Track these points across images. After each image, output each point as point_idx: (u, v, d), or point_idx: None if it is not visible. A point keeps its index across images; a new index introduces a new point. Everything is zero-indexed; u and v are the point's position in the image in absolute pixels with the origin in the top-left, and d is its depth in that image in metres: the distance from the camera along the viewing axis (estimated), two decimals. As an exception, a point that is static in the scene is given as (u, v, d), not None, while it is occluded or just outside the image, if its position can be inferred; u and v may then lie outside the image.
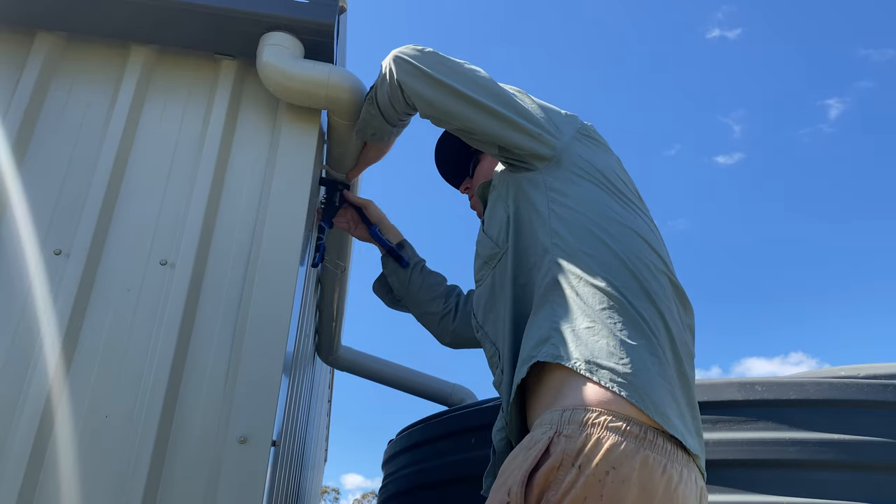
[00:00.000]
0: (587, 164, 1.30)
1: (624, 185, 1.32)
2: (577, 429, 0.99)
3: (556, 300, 1.15)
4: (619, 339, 1.07)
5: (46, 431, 1.32)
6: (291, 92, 1.58)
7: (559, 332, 1.10)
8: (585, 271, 1.15)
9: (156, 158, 1.59)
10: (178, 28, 1.62)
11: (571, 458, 0.97)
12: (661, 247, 1.28)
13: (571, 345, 1.08)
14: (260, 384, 1.39)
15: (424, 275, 1.84)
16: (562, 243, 1.20)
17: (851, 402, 1.77)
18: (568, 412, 1.02)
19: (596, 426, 0.99)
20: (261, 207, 1.56)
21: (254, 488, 1.31)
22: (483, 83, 1.37)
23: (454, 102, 1.36)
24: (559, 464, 0.97)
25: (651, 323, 1.11)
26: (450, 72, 1.37)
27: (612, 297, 1.12)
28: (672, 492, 0.98)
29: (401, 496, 2.51)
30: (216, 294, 1.48)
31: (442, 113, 1.38)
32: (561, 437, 0.99)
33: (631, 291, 1.13)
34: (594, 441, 0.97)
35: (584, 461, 0.96)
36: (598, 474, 0.95)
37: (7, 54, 1.63)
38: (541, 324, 1.15)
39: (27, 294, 1.42)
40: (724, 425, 1.82)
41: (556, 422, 1.02)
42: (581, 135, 1.36)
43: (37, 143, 1.56)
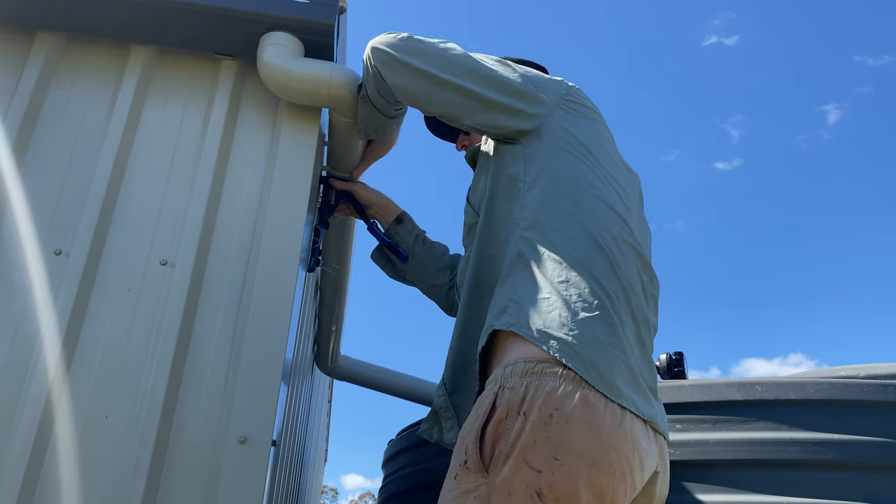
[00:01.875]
0: (567, 135, 1.31)
1: (604, 154, 1.33)
2: (519, 380, 1.05)
3: (518, 273, 1.19)
4: (573, 310, 1.10)
5: (46, 431, 1.32)
6: (293, 91, 1.58)
7: (516, 303, 1.14)
8: (549, 245, 1.19)
9: (156, 158, 1.59)
10: (178, 28, 1.62)
11: (516, 407, 1.03)
12: (632, 217, 1.31)
13: (525, 315, 1.12)
14: (260, 384, 1.39)
15: (427, 247, 1.83)
16: (531, 216, 1.24)
17: (851, 402, 1.77)
18: (510, 367, 1.08)
19: (535, 374, 1.04)
20: (261, 207, 1.56)
21: (254, 488, 1.31)
22: (457, 62, 1.35)
23: (428, 86, 1.36)
24: (505, 414, 1.03)
25: (611, 293, 1.14)
26: (421, 55, 1.37)
27: (572, 269, 1.15)
28: (618, 425, 1.02)
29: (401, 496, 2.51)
30: (216, 294, 1.48)
31: (418, 99, 1.39)
32: (504, 389, 1.05)
33: (593, 263, 1.16)
34: (535, 387, 1.03)
35: (527, 408, 1.02)
36: (543, 417, 1.00)
37: (7, 54, 1.63)
38: (502, 295, 1.19)
39: (27, 294, 1.42)
40: (724, 425, 1.82)
41: (499, 377, 1.08)
42: (566, 101, 1.35)
43: (37, 143, 1.56)
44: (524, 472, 0.98)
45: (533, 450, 0.99)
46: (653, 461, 1.10)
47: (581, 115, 1.36)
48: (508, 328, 1.12)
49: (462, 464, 1.05)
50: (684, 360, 2.25)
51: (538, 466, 0.98)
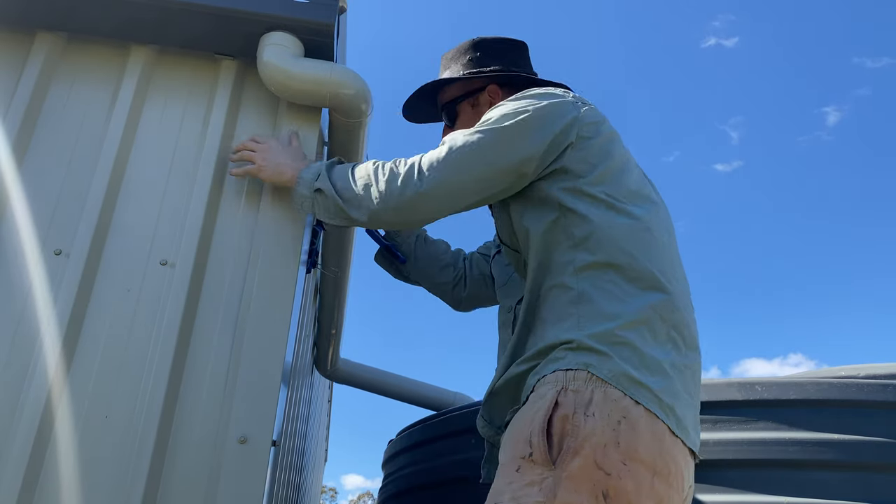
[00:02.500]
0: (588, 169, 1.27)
1: (631, 181, 1.30)
2: (583, 384, 1.07)
3: (580, 312, 1.17)
4: (646, 351, 1.11)
5: (46, 431, 1.32)
6: (293, 91, 1.58)
7: (583, 344, 1.12)
8: (611, 284, 1.18)
9: (156, 158, 1.59)
10: (178, 28, 1.62)
11: (583, 407, 1.04)
12: (671, 235, 1.31)
13: (597, 356, 1.10)
14: (260, 384, 1.39)
15: (429, 246, 1.83)
16: (585, 258, 1.21)
17: (851, 402, 1.77)
18: (571, 372, 1.09)
19: (600, 381, 1.07)
20: (261, 207, 1.56)
21: (254, 488, 1.31)
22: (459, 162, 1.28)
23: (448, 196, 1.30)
24: (572, 412, 1.04)
25: (676, 333, 1.17)
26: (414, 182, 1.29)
27: (641, 309, 1.15)
28: (674, 438, 1.07)
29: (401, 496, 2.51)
30: (216, 294, 1.48)
31: (445, 206, 1.32)
32: (568, 391, 1.07)
33: (654, 299, 1.17)
34: (602, 393, 1.05)
35: (596, 410, 1.04)
36: (612, 423, 1.03)
37: (7, 54, 1.63)
38: (562, 331, 1.16)
39: (27, 294, 1.42)
40: (724, 425, 1.82)
41: (560, 380, 1.09)
42: (576, 137, 1.30)
43: (37, 143, 1.56)
44: (593, 473, 1.00)
45: (603, 451, 1.01)
46: (691, 474, 1.15)
47: (592, 147, 1.30)
48: (585, 368, 1.09)
49: (526, 456, 1.05)
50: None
51: (608, 469, 1.00)
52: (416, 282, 1.86)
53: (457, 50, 1.64)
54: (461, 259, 1.82)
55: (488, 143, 1.28)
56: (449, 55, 1.65)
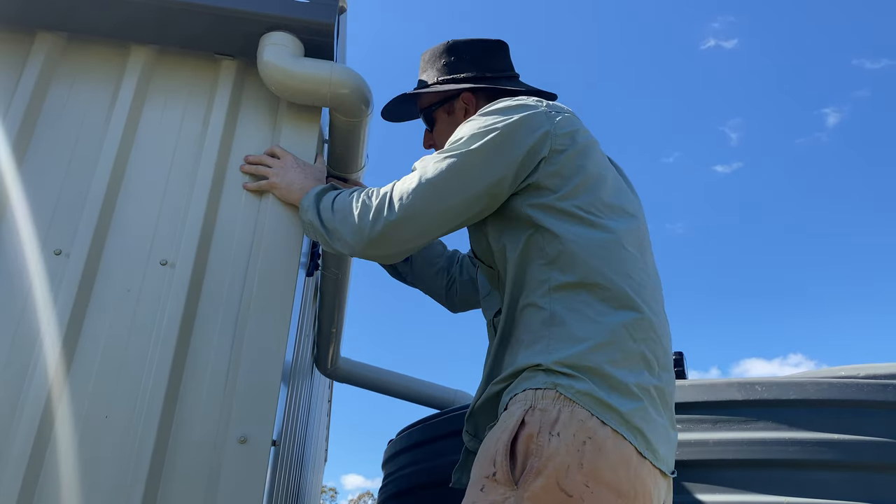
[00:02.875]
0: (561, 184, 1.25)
1: (606, 193, 1.27)
2: (551, 403, 1.07)
3: (552, 335, 1.16)
4: (619, 373, 1.11)
5: (46, 431, 1.32)
6: (294, 90, 1.58)
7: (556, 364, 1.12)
8: (584, 305, 1.17)
9: (156, 158, 1.59)
10: (178, 28, 1.62)
11: (548, 426, 1.04)
12: (644, 250, 1.29)
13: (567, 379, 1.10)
14: (260, 384, 1.39)
15: (425, 249, 1.81)
16: (558, 277, 1.20)
17: (851, 402, 1.77)
18: (540, 391, 1.09)
19: (568, 401, 1.06)
20: (261, 207, 1.56)
21: (254, 488, 1.31)
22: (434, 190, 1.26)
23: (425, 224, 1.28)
24: (537, 431, 1.04)
25: (649, 353, 1.16)
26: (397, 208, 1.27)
27: (613, 329, 1.14)
28: (642, 459, 1.06)
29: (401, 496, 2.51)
30: (216, 294, 1.48)
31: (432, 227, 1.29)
32: (536, 410, 1.06)
33: (626, 317, 1.15)
34: (569, 412, 1.05)
35: (561, 429, 1.03)
36: (577, 444, 1.02)
37: (7, 54, 1.63)
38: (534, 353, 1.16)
39: (27, 294, 1.42)
40: (724, 425, 1.82)
41: (530, 398, 1.09)
42: (552, 152, 1.27)
43: (37, 143, 1.56)
44: (555, 494, 1.00)
45: (566, 473, 1.00)
46: (664, 492, 1.14)
47: (568, 160, 1.27)
48: (554, 387, 1.09)
49: (490, 475, 1.05)
50: (684, 360, 2.25)
51: (570, 491, 1.00)
52: (413, 283, 1.87)
53: (432, 53, 1.61)
54: (454, 263, 1.82)
55: (458, 170, 1.25)
56: (426, 56, 1.63)
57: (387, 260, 1.35)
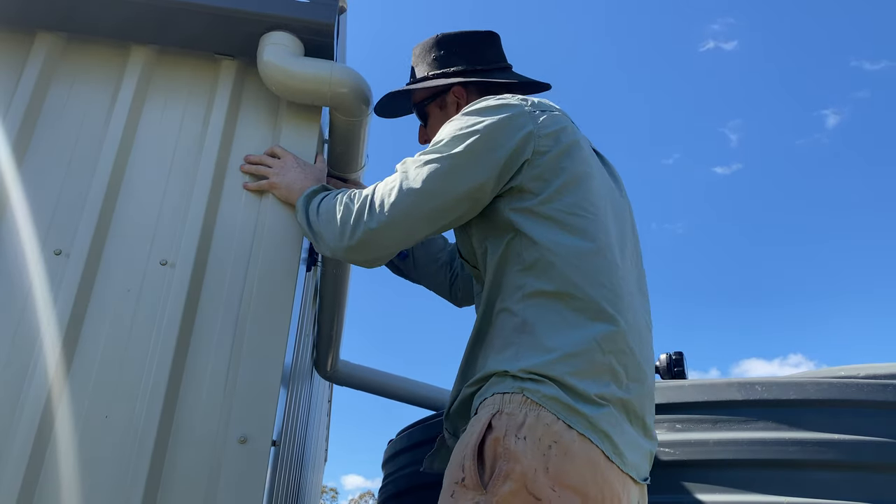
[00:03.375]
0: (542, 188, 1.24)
1: (590, 193, 1.25)
2: (518, 407, 1.07)
3: (523, 342, 1.15)
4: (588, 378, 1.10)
5: (46, 431, 1.32)
6: (294, 90, 1.58)
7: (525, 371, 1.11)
8: (553, 311, 1.16)
9: (156, 158, 1.59)
10: (178, 28, 1.62)
11: (514, 429, 1.04)
12: (624, 256, 1.28)
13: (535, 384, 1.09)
14: (260, 384, 1.39)
15: (425, 245, 1.81)
16: (529, 283, 1.19)
17: (851, 402, 1.77)
18: (508, 395, 1.09)
19: (535, 405, 1.06)
20: (261, 207, 1.56)
21: (254, 488, 1.31)
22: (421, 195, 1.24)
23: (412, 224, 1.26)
24: (503, 434, 1.04)
25: (618, 361, 1.15)
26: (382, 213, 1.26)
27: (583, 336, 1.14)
28: (609, 463, 1.06)
29: (401, 496, 2.51)
30: (216, 294, 1.48)
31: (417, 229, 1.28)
32: (503, 414, 1.07)
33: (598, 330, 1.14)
34: (535, 416, 1.05)
35: (527, 433, 1.03)
36: (542, 447, 1.02)
37: (7, 54, 1.63)
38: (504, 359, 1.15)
39: (27, 294, 1.42)
40: (724, 425, 1.82)
41: (497, 402, 1.09)
42: (535, 153, 1.25)
43: (37, 143, 1.56)
44: (524, 498, 1.00)
45: (533, 476, 1.01)
46: (636, 498, 1.13)
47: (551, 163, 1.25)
48: (521, 391, 1.09)
49: (459, 481, 1.05)
50: (684, 360, 2.25)
51: (537, 493, 1.00)
52: (416, 280, 1.86)
53: (422, 47, 1.61)
54: (456, 257, 1.82)
55: (437, 175, 1.23)
56: (416, 51, 1.63)
57: (368, 265, 1.34)
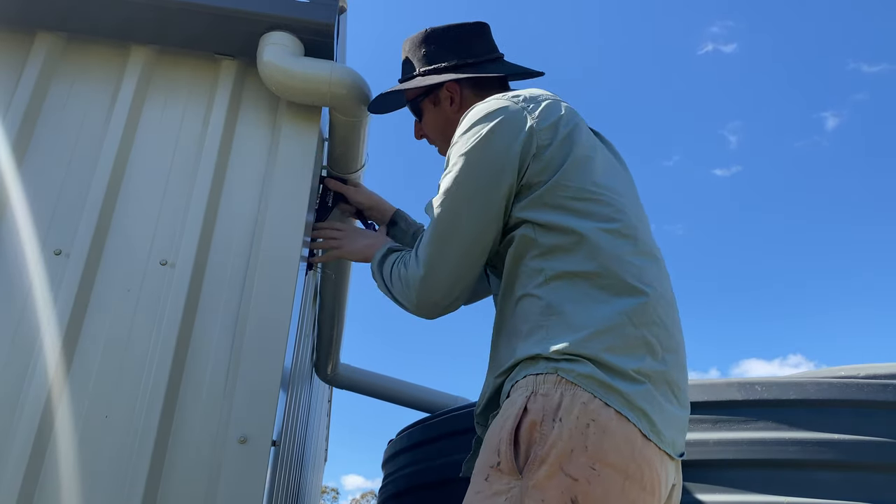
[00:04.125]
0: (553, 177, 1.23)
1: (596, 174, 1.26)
2: (553, 387, 1.05)
3: (553, 323, 1.15)
4: (622, 356, 1.09)
5: (47, 431, 1.32)
6: (294, 90, 1.58)
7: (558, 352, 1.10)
8: (581, 293, 1.16)
9: (156, 158, 1.59)
10: (178, 28, 1.62)
11: (551, 413, 1.02)
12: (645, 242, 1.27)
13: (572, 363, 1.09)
14: (260, 384, 1.39)
15: None
16: (554, 266, 1.19)
17: (851, 402, 1.77)
18: (542, 376, 1.08)
19: (570, 385, 1.05)
20: (261, 207, 1.56)
21: (254, 488, 1.31)
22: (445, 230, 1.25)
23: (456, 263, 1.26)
24: (540, 419, 1.03)
25: (652, 337, 1.14)
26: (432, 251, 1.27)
27: (612, 316, 1.13)
28: (646, 440, 1.05)
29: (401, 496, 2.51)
30: (216, 294, 1.48)
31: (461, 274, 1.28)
32: (538, 395, 1.05)
33: (627, 304, 1.14)
34: (570, 396, 1.03)
35: (563, 415, 1.02)
36: (580, 427, 1.01)
37: (7, 54, 1.63)
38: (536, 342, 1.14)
39: (27, 294, 1.42)
40: (724, 425, 1.82)
41: (531, 384, 1.08)
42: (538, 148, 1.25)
43: (37, 143, 1.56)
44: (560, 479, 0.98)
45: (570, 457, 0.99)
46: (672, 473, 1.13)
47: (555, 155, 1.25)
48: (555, 371, 1.08)
49: (494, 465, 1.04)
50: (684, 360, 2.25)
51: (575, 475, 0.98)
52: None
53: (412, 42, 1.59)
54: None
55: (465, 207, 1.24)
56: (407, 46, 1.60)
57: (447, 310, 1.34)
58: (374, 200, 1.84)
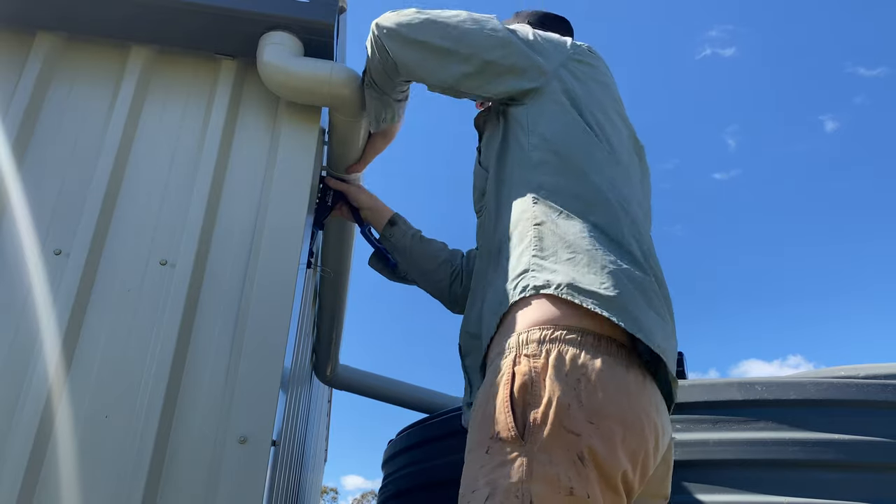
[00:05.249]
0: (568, 95, 1.32)
1: (603, 115, 1.33)
2: (537, 346, 1.03)
3: (536, 236, 1.18)
4: (602, 265, 1.10)
5: (46, 431, 1.32)
6: (293, 90, 1.58)
7: (540, 266, 1.13)
8: (563, 205, 1.19)
9: (156, 158, 1.59)
10: (178, 28, 1.62)
11: (541, 372, 1.01)
12: (628, 177, 1.31)
13: (556, 274, 1.10)
14: (260, 384, 1.39)
15: (424, 245, 1.81)
16: (543, 181, 1.24)
17: (851, 402, 1.77)
18: (524, 334, 1.06)
19: (555, 341, 1.03)
20: (261, 207, 1.56)
21: (254, 488, 1.31)
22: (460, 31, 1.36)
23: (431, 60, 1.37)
24: (530, 382, 1.01)
25: (634, 250, 1.16)
26: (424, 27, 1.37)
27: (591, 228, 1.16)
28: (642, 388, 1.04)
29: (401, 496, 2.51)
30: (216, 294, 1.48)
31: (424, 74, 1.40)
32: (522, 357, 1.03)
33: (609, 220, 1.17)
34: (556, 353, 1.02)
35: (553, 373, 1.00)
36: (571, 383, 0.99)
37: (7, 54, 1.63)
38: (520, 259, 1.18)
39: (27, 294, 1.42)
40: (724, 425, 1.82)
41: (514, 345, 1.06)
42: (572, 61, 1.36)
43: (37, 143, 1.56)
44: (563, 437, 0.96)
45: (568, 413, 0.97)
46: (668, 425, 1.11)
47: (584, 75, 1.36)
48: (537, 292, 1.09)
49: (494, 436, 1.00)
50: (684, 360, 2.25)
51: (576, 430, 0.96)
52: (413, 281, 1.85)
53: None
54: (458, 256, 1.81)
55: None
56: None
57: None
58: (374, 201, 1.85)
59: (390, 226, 1.82)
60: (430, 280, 1.80)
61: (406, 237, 1.82)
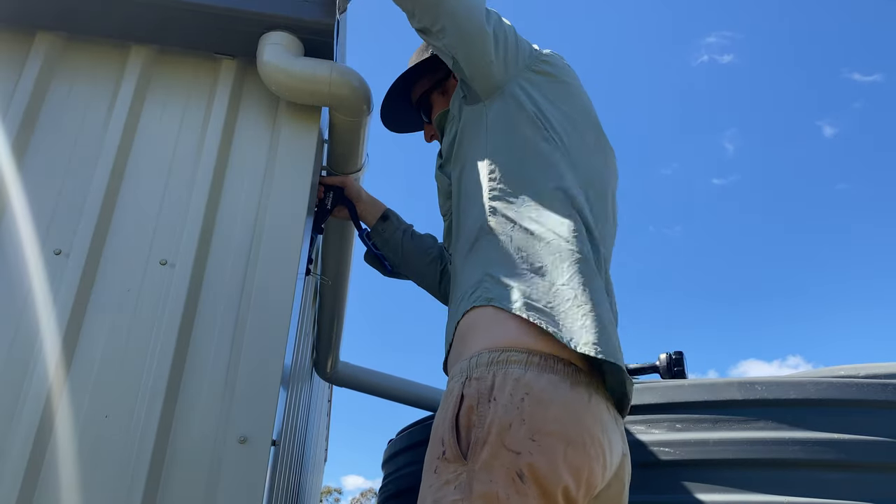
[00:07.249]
0: (527, 99, 1.33)
1: (570, 128, 1.33)
2: (485, 369, 1.06)
3: (488, 245, 1.21)
4: (550, 280, 1.13)
5: (46, 431, 1.32)
6: (293, 90, 1.58)
7: (491, 277, 1.17)
8: (517, 215, 1.22)
9: (156, 158, 1.59)
10: (178, 28, 1.62)
11: (486, 394, 1.04)
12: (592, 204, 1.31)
13: (502, 287, 1.14)
14: (260, 384, 1.39)
15: (416, 241, 1.83)
16: (496, 186, 1.26)
17: (851, 402, 1.77)
18: (474, 358, 1.09)
19: (501, 363, 1.06)
20: (261, 207, 1.56)
21: (254, 488, 1.31)
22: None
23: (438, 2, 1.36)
24: (476, 402, 1.04)
25: (584, 255, 1.17)
26: None
27: (543, 237, 1.18)
28: (587, 405, 1.05)
29: (401, 496, 2.51)
30: (216, 294, 1.48)
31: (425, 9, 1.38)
32: (471, 380, 1.07)
33: (561, 228, 1.19)
34: (502, 375, 1.04)
35: (497, 394, 1.03)
36: (515, 402, 1.02)
37: (7, 54, 1.63)
38: (475, 268, 1.22)
39: (27, 294, 1.42)
40: (724, 425, 1.82)
41: (464, 370, 1.10)
42: (537, 62, 1.37)
43: (37, 143, 1.56)
44: (503, 456, 0.98)
45: (509, 432, 0.99)
46: (618, 442, 1.12)
47: (547, 79, 1.37)
48: (488, 303, 1.13)
49: (440, 456, 1.05)
50: (684, 359, 2.25)
51: (516, 448, 0.98)
52: (406, 276, 1.87)
53: (419, 50, 1.68)
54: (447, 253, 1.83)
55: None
56: (414, 57, 1.69)
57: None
58: (368, 196, 1.87)
59: (383, 220, 1.83)
60: (423, 277, 1.82)
61: (398, 232, 1.83)
